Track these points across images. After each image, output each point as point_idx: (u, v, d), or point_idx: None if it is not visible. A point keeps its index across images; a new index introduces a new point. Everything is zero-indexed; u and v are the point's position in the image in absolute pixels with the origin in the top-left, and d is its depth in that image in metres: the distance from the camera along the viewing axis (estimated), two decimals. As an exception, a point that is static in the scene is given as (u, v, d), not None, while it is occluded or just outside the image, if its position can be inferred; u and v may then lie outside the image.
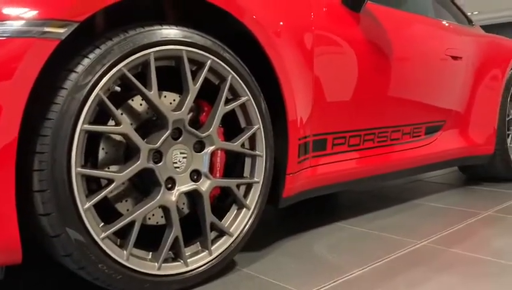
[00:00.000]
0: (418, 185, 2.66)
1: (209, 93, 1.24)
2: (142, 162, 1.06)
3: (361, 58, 1.70)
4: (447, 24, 2.43)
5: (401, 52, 1.90)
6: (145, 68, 1.07)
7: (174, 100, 1.22)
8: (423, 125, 2.13)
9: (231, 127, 1.31)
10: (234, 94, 1.26)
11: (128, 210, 1.14)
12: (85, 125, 0.96)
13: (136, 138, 1.05)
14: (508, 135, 2.68)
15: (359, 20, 1.72)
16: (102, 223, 1.03)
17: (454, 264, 1.36)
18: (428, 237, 1.61)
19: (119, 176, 1.02)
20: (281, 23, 1.38)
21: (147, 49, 1.05)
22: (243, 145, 1.28)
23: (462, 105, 2.40)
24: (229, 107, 1.23)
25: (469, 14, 9.87)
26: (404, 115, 1.98)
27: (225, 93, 1.21)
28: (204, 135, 1.18)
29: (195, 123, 1.24)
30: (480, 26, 3.05)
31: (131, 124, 1.14)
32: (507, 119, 2.65)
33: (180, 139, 1.15)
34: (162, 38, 1.07)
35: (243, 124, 1.30)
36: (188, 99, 1.14)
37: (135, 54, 1.03)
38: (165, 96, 1.20)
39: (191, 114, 1.24)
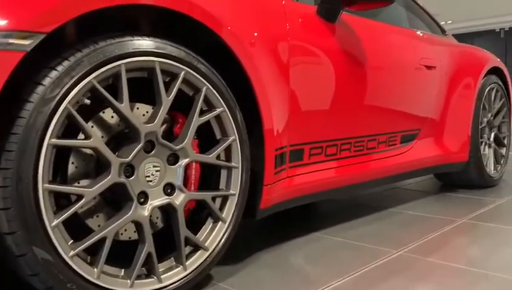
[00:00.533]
0: (394, 192, 2.68)
1: (183, 105, 1.22)
2: (113, 177, 1.03)
3: (336, 68, 1.70)
4: (421, 34, 2.47)
5: (376, 62, 1.91)
6: (116, 80, 1.04)
7: (147, 112, 1.19)
8: (399, 134, 2.15)
9: (206, 138, 1.29)
10: (209, 105, 1.24)
11: (99, 226, 1.11)
12: (52, 140, 0.93)
13: (106, 152, 1.02)
14: (482, 142, 2.73)
15: (334, 30, 1.73)
16: (72, 241, 0.99)
17: (430, 274, 1.36)
18: (405, 246, 1.62)
19: (89, 191, 0.99)
20: (256, 33, 1.37)
21: (117, 60, 1.02)
22: (218, 157, 1.27)
23: (436, 114, 2.44)
24: (204, 118, 1.21)
25: (442, 23, 10.16)
26: (379, 124, 1.99)
27: (200, 104, 1.19)
28: (178, 147, 1.16)
29: (169, 135, 1.22)
30: (454, 35, 3.12)
31: (103, 136, 1.11)
32: (480, 127, 2.70)
33: (153, 152, 1.13)
34: (134, 49, 1.05)
35: (218, 136, 1.28)
36: (160, 112, 1.11)
37: (105, 66, 1.00)
38: (137, 108, 1.18)
39: (164, 126, 1.22)
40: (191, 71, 1.17)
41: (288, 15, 1.56)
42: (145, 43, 1.08)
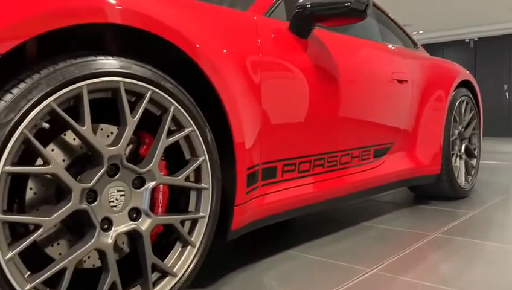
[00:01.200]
0: (368, 205, 2.68)
1: (150, 124, 1.17)
2: (73, 204, 0.98)
3: (309, 84, 1.69)
4: (392, 48, 2.49)
5: (348, 77, 1.91)
6: (78, 102, 1.00)
7: (112, 133, 1.14)
8: (372, 148, 2.15)
9: (175, 158, 1.25)
10: (178, 125, 1.20)
11: (60, 254, 1.05)
12: (7, 167, 0.88)
13: (67, 178, 0.97)
14: (453, 154, 2.77)
15: (307, 46, 1.72)
16: (29, 273, 0.93)
17: (403, 294, 1.35)
18: (378, 263, 1.61)
19: (47, 220, 0.94)
20: (226, 50, 1.34)
21: (79, 82, 0.97)
22: (187, 178, 1.23)
23: (409, 127, 2.46)
24: (172, 139, 1.17)
25: (414, 33, 10.27)
26: (352, 139, 1.99)
27: (167, 125, 1.15)
28: (144, 170, 1.11)
29: (135, 156, 1.17)
30: (426, 45, 3.16)
31: (64, 160, 1.06)
32: (451, 139, 2.73)
33: (118, 175, 1.08)
34: (97, 70, 1.00)
35: (187, 156, 1.24)
36: (125, 134, 1.07)
37: (66, 88, 0.95)
38: (101, 129, 1.13)
39: (130, 147, 1.17)
40: (158, 91, 1.13)
41: (260, 31, 1.54)
42: (108, 62, 1.03)
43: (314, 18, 1.68)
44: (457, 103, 2.79)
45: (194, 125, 1.21)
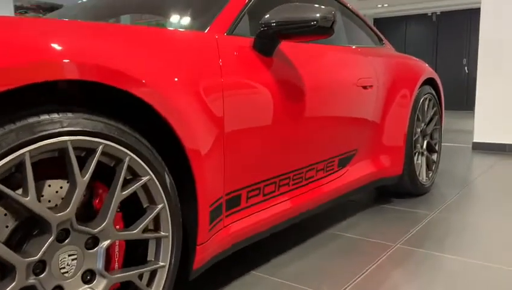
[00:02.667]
0: (332, 206, 2.69)
1: (103, 172, 1.09)
2: (19, 282, 0.90)
3: (274, 104, 1.63)
4: (359, 49, 2.44)
5: (313, 92, 1.86)
6: (20, 168, 0.90)
7: (61, 187, 1.05)
8: (336, 158, 2.13)
9: (132, 203, 1.18)
10: (134, 174, 1.12)
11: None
12: None
13: (8, 255, 0.88)
14: (415, 153, 2.80)
15: (271, 63, 1.64)
16: None
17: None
18: (343, 286, 1.61)
19: (-11, 305, 0.86)
20: (181, 80, 1.24)
21: (20, 149, 0.88)
22: (146, 228, 1.16)
23: (372, 131, 2.45)
24: (128, 192, 1.10)
25: (379, 6, 10.17)
26: (317, 153, 1.96)
27: (122, 177, 1.07)
28: (97, 230, 1.04)
29: (88, 208, 1.09)
30: (389, 18, 3.13)
31: (7, 226, 0.96)
32: (414, 138, 2.75)
33: (68, 240, 1.00)
34: (40, 132, 0.91)
35: (145, 204, 1.17)
36: (75, 196, 0.98)
37: (4, 159, 0.86)
38: (49, 186, 1.03)
39: (81, 198, 1.09)
40: (111, 143, 1.04)
41: (222, 52, 1.45)
42: (53, 122, 0.93)
43: (279, 36, 1.60)
44: (421, 101, 2.80)
45: (151, 173, 1.14)
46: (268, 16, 1.58)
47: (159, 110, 1.13)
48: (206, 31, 1.52)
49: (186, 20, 1.64)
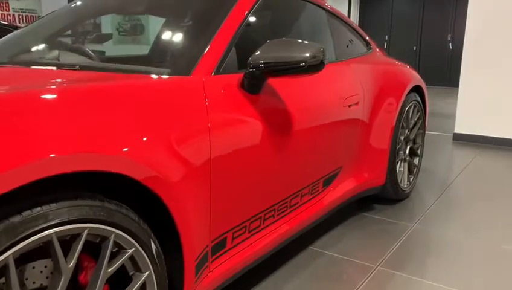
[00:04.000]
0: (316, 214, 2.73)
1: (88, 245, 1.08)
2: None
3: (261, 140, 1.61)
4: (346, 64, 2.41)
5: (300, 120, 1.84)
6: (4, 271, 0.88)
7: (45, 267, 1.04)
8: (321, 180, 2.14)
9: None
10: (119, 246, 1.11)
11: None
12: None
13: None
14: (397, 161, 2.83)
15: (258, 100, 1.61)
16: None
17: None
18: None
19: None
20: (162, 134, 1.22)
21: (2, 254, 0.85)
22: (131, 294, 1.16)
23: (357, 146, 2.46)
24: (114, 267, 1.09)
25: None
26: (303, 180, 1.96)
27: (108, 255, 1.06)
28: (84, 310, 1.04)
29: (74, 283, 1.08)
30: None
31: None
32: (397, 147, 2.78)
33: (55, 324, 1.00)
34: (24, 232, 0.88)
35: (130, 271, 1.17)
36: (60, 285, 0.97)
37: (-14, 267, 0.84)
38: (33, 268, 1.02)
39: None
40: (97, 225, 1.02)
41: (209, 95, 1.42)
42: (37, 217, 0.91)
43: (267, 75, 1.57)
44: (406, 108, 2.81)
45: (137, 244, 1.13)
46: (256, 55, 1.54)
47: (140, 181, 1.11)
48: (190, 75, 1.47)
49: (169, 63, 1.58)
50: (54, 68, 1.56)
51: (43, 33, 2.06)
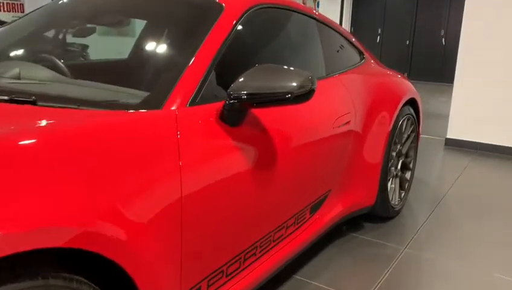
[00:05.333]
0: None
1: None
2: None
3: (240, 174, 1.46)
4: (336, 79, 2.25)
5: (286, 149, 1.69)
6: None
7: None
8: (308, 207, 2.00)
9: None
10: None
11: None
12: None
13: None
14: (389, 179, 2.70)
15: (239, 133, 1.45)
16: None
17: None
18: None
19: None
20: (124, 182, 1.06)
21: None
22: None
23: (347, 166, 2.31)
24: None
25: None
26: (288, 212, 1.82)
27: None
28: None
29: None
30: None
31: None
32: (389, 165, 2.64)
33: None
34: None
35: None
36: None
37: None
38: None
39: None
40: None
41: (182, 133, 1.26)
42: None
43: (250, 106, 1.41)
44: (399, 123, 2.67)
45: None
46: (237, 84, 1.38)
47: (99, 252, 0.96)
48: (162, 108, 1.30)
49: (139, 95, 1.41)
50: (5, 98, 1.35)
51: (15, 36, 1.87)
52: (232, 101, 1.38)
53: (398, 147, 2.79)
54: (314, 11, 2.37)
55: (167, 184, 1.18)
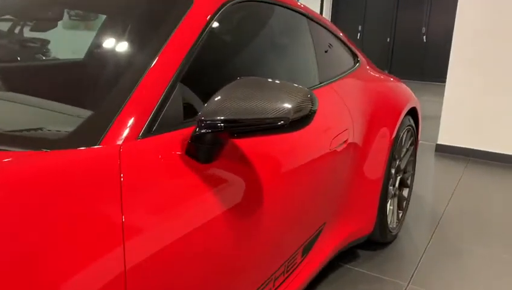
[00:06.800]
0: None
1: None
2: None
3: (212, 226, 1.07)
4: (332, 89, 1.87)
5: (272, 184, 1.30)
6: None
7: None
8: (299, 249, 1.62)
9: None
10: None
11: None
12: None
13: None
14: (388, 200, 2.35)
15: (214, 170, 1.06)
16: None
17: None
18: None
19: None
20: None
21: None
22: None
23: (344, 193, 1.94)
24: None
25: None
26: (274, 262, 1.43)
27: None
28: None
29: None
30: None
31: None
32: (389, 185, 2.29)
33: None
34: None
35: None
36: None
37: None
38: None
39: None
40: None
41: (126, 177, 0.86)
42: None
43: (228, 136, 1.02)
44: (400, 136, 2.32)
45: None
46: (211, 107, 0.98)
47: None
48: (99, 143, 0.90)
49: (69, 122, 0.99)
50: None
51: None
52: (203, 131, 0.98)
53: (397, 162, 2.44)
54: (300, 4, 1.98)
55: (103, 256, 0.78)
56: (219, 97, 1.00)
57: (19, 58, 1.57)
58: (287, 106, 0.99)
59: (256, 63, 1.51)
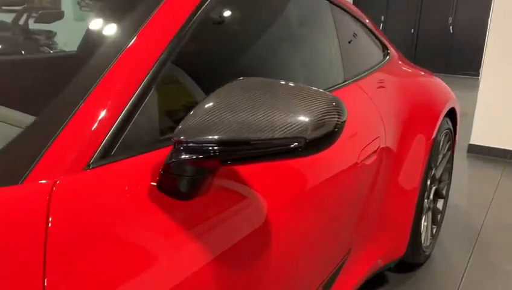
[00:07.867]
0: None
1: None
2: None
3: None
4: (360, 89, 1.55)
5: (284, 216, 1.00)
6: None
7: None
8: (319, 287, 1.31)
9: None
10: None
11: None
12: None
13: None
14: (422, 217, 2.01)
15: (198, 208, 0.76)
16: None
17: None
18: None
19: None
20: None
21: None
22: None
23: (373, 213, 1.62)
24: None
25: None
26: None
27: None
28: None
29: None
30: None
31: None
32: (425, 200, 1.96)
33: None
34: None
35: None
36: None
37: None
38: None
39: None
40: None
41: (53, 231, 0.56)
42: None
43: (219, 163, 0.71)
44: (437, 141, 1.98)
45: None
46: (194, 122, 0.67)
47: None
48: (22, 182, 0.60)
49: None
50: None
51: None
52: (182, 157, 0.68)
53: (433, 171, 2.10)
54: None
55: None
56: (206, 106, 0.69)
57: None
58: (303, 119, 0.68)
59: (263, 59, 1.19)
